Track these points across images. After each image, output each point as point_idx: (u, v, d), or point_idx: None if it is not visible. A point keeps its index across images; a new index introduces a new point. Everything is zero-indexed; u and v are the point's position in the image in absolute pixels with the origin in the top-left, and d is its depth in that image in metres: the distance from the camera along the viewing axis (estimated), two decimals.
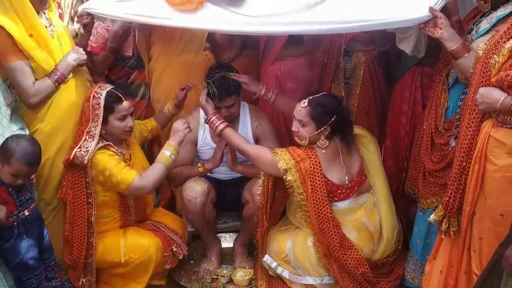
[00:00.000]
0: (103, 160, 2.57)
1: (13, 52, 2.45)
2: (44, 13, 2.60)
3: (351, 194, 2.65)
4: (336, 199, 2.61)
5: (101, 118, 2.59)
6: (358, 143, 2.76)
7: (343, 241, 2.55)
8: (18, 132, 2.46)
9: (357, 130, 2.76)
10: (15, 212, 2.30)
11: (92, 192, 2.64)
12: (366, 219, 2.67)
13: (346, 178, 2.62)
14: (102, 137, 2.67)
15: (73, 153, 2.54)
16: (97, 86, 2.68)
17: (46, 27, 2.56)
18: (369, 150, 2.77)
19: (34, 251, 2.38)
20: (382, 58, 3.22)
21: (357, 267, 2.56)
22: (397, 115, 3.02)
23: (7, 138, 2.30)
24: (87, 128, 2.60)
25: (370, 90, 3.20)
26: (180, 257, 2.85)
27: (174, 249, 2.82)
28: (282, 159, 2.52)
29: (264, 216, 2.69)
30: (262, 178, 2.65)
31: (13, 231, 2.30)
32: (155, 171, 2.59)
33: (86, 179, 2.61)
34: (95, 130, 2.59)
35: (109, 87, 2.68)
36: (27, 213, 2.33)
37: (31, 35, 2.47)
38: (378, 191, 2.73)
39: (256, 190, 2.72)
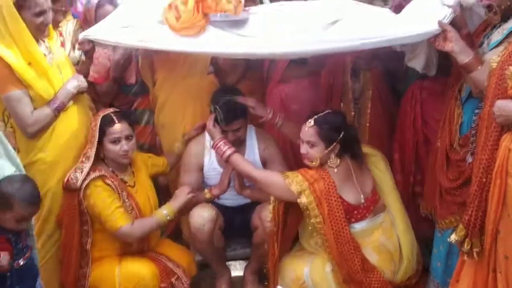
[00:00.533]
0: (95, 195, 2.56)
1: (10, 82, 2.40)
2: (44, 41, 2.56)
3: (367, 214, 2.56)
4: (353, 220, 2.52)
5: (96, 140, 2.59)
6: (368, 162, 2.69)
7: (364, 264, 2.45)
8: (12, 171, 2.25)
9: (366, 149, 2.71)
10: (11, 261, 2.16)
11: (89, 219, 2.62)
12: (385, 239, 2.58)
13: (362, 197, 2.54)
14: (104, 162, 2.67)
15: (68, 175, 2.54)
16: (103, 110, 2.71)
17: (45, 55, 2.51)
18: (380, 169, 2.71)
19: None
20: (388, 75, 3.16)
21: None
22: (401, 129, 2.98)
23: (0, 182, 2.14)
24: (85, 150, 2.61)
25: (380, 109, 3.14)
26: None
27: (173, 282, 2.70)
28: (295, 182, 2.44)
29: (276, 244, 2.59)
30: (272, 204, 2.57)
31: (6, 282, 2.15)
32: (147, 225, 2.66)
33: (81, 207, 2.59)
34: (91, 152, 2.60)
35: (110, 110, 2.70)
36: (21, 263, 2.19)
37: (29, 63, 2.42)
38: (393, 210, 2.65)
39: (266, 216, 2.65)
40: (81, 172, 2.55)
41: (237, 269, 3.21)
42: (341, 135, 2.49)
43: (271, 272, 2.68)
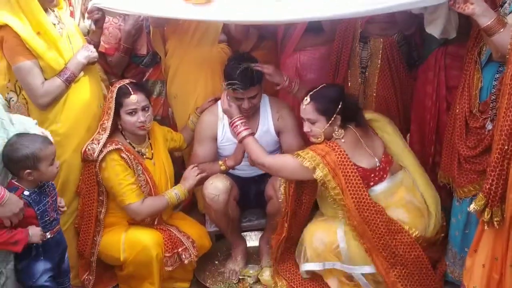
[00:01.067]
0: (110, 169, 2.59)
1: (21, 52, 2.37)
2: (53, 11, 2.52)
3: (385, 176, 2.53)
4: (372, 183, 2.49)
5: (112, 111, 2.60)
6: (374, 127, 2.66)
7: (390, 226, 2.41)
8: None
9: (369, 115, 2.67)
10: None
11: (104, 190, 2.66)
12: (411, 196, 2.56)
13: (376, 159, 2.51)
14: (121, 134, 2.69)
15: (85, 146, 2.57)
16: (118, 81, 2.71)
17: (54, 24, 2.47)
18: (388, 132, 2.69)
19: (48, 274, 2.23)
20: (402, 43, 3.03)
21: (409, 251, 2.41)
22: (421, 98, 2.88)
23: (13, 151, 2.09)
24: (102, 121, 2.62)
25: (389, 80, 3.02)
26: (186, 261, 2.72)
27: (180, 252, 2.71)
28: (307, 158, 2.40)
29: (285, 224, 2.58)
30: (283, 185, 2.56)
31: (31, 253, 2.18)
32: (156, 206, 2.69)
33: (98, 178, 2.62)
34: (107, 123, 2.61)
35: (126, 81, 2.68)
36: (49, 236, 2.21)
37: (38, 33, 2.39)
38: (410, 169, 2.63)
39: (279, 186, 2.62)
40: (98, 144, 2.57)
41: (252, 240, 3.21)
42: (339, 106, 2.46)
43: (274, 250, 2.69)
